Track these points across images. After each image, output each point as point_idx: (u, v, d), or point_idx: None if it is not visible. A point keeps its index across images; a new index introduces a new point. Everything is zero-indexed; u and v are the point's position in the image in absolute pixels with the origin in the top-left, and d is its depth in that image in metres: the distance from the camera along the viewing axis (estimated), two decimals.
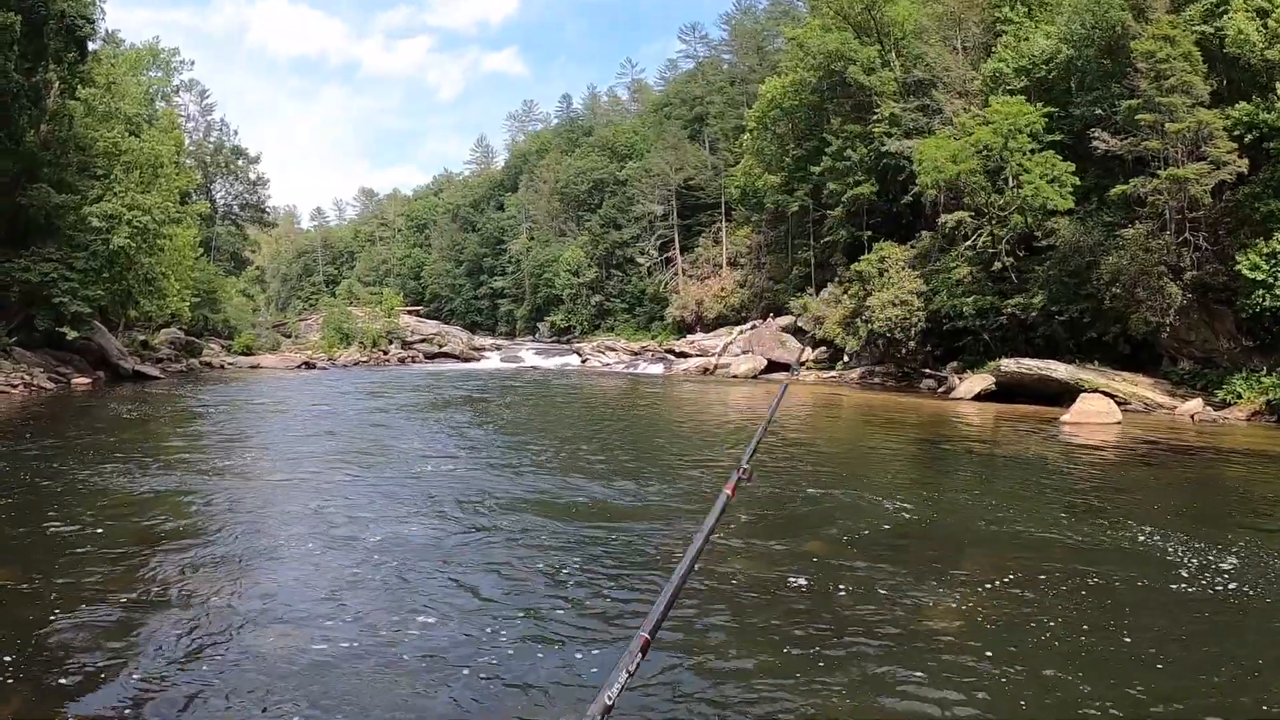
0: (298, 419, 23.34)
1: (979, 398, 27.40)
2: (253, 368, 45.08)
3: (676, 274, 56.15)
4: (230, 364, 45.27)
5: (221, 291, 53.74)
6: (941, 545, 11.46)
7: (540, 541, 10.39)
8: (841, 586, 9.47)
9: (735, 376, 40.48)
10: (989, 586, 9.62)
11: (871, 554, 10.97)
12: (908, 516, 13.27)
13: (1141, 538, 11.42)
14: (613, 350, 52.80)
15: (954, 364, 31.11)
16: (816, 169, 39.74)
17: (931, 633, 8.07)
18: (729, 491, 3.08)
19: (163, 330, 43.76)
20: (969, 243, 30.27)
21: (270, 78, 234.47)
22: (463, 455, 16.81)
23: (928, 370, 32.40)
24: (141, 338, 40.16)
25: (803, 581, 9.66)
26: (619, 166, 64.40)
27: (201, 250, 49.56)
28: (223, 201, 66.67)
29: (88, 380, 29.84)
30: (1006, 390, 26.67)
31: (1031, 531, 11.96)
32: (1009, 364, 26.60)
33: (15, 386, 25.17)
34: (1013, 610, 8.77)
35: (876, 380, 34.26)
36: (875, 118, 36.51)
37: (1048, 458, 17.72)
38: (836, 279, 39.18)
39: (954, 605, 8.96)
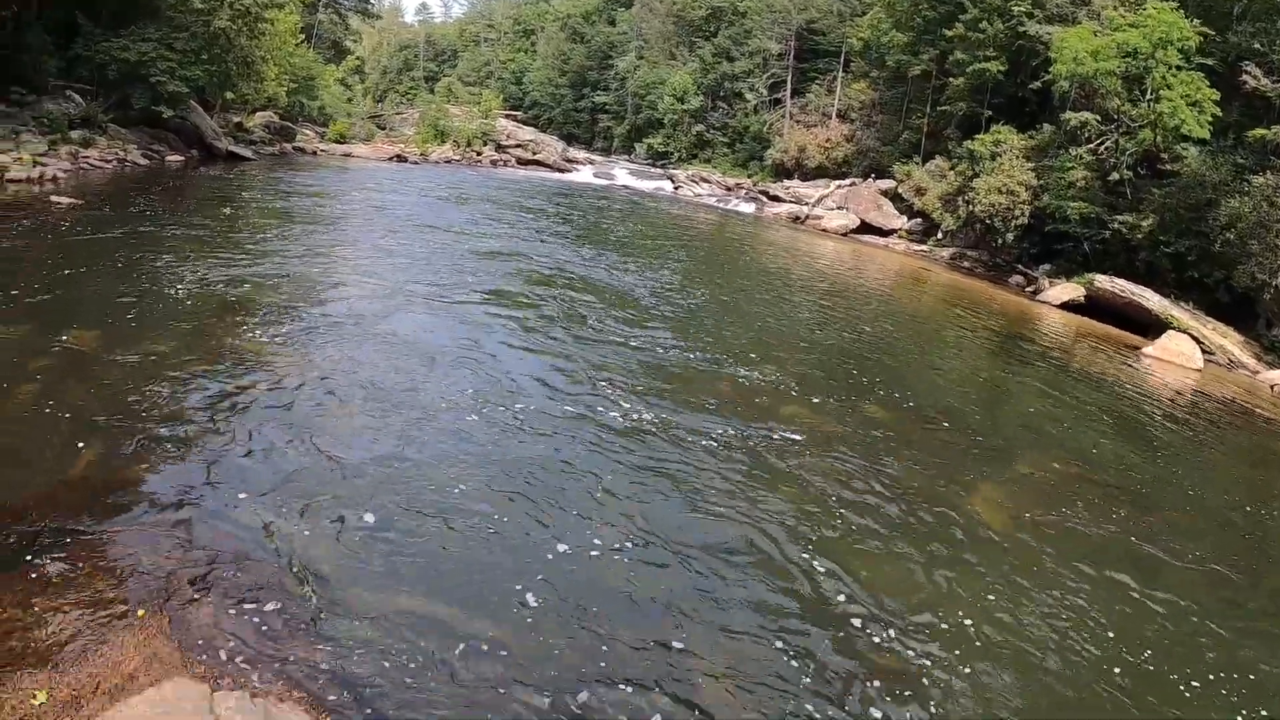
0: (386, 212, 24.47)
1: (1065, 306, 27.59)
2: (345, 155, 45.36)
3: (784, 117, 54.91)
4: (323, 150, 45.49)
5: (319, 79, 53.58)
6: (998, 438, 12.33)
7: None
8: (896, 456, 10.55)
9: (825, 230, 40.65)
10: (1038, 490, 10.57)
11: (930, 429, 11.90)
12: (972, 403, 14.15)
13: (1196, 487, 12.03)
14: (707, 182, 52.54)
15: (1047, 266, 31.02)
16: (948, 34, 38.11)
17: (975, 521, 9.16)
18: None
19: (258, 114, 44.03)
20: (1090, 146, 29.44)
21: None
22: (558, 281, 17.72)
23: (1020, 267, 32.30)
24: (237, 120, 40.65)
25: (860, 444, 10.76)
26: None
27: (302, 37, 49.11)
28: None
29: (181, 158, 30.51)
30: (1094, 306, 26.78)
31: (1090, 450, 12.64)
32: (1103, 281, 26.55)
33: (110, 161, 25.72)
34: (1058, 517, 9.73)
35: (966, 264, 34.28)
36: None
37: (1122, 385, 18.12)
38: (946, 153, 38.37)
39: (1000, 499, 10.01)
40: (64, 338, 10.03)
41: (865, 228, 40.51)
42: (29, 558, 6.08)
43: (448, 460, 8.52)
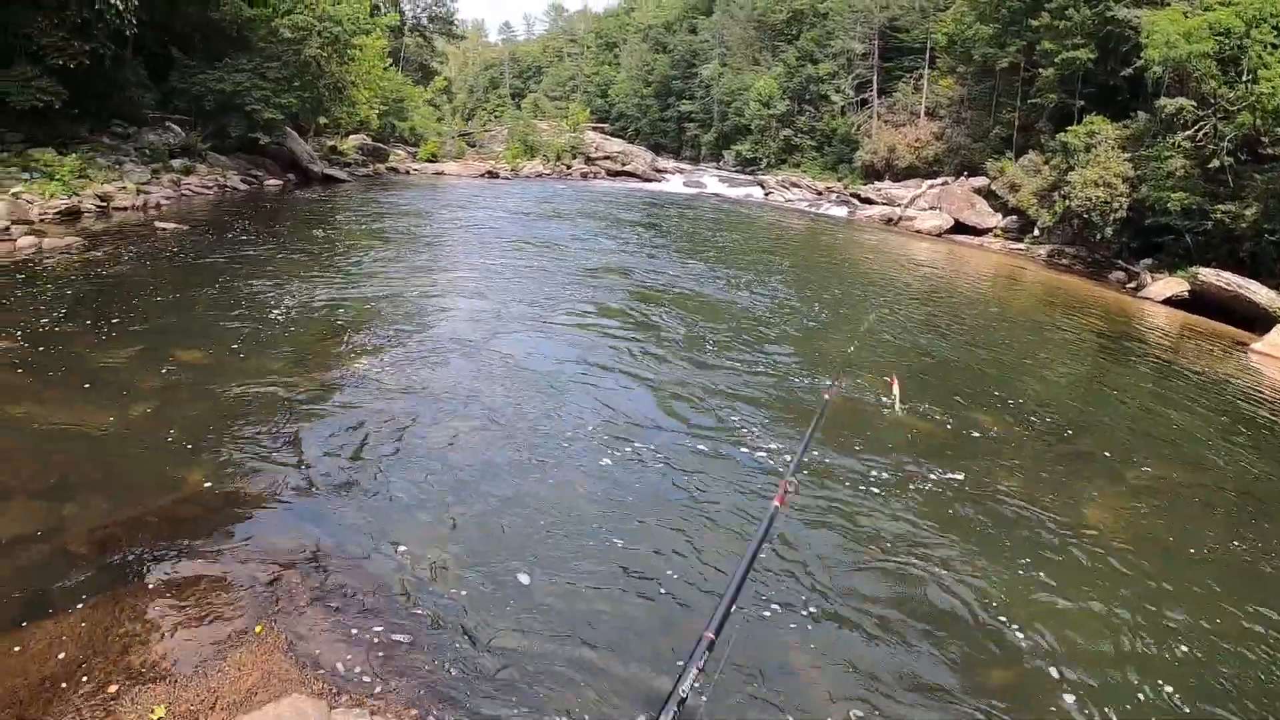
0: (483, 229, 24.80)
1: (1169, 302, 26.54)
2: (437, 174, 46.40)
3: (871, 117, 54.24)
4: (415, 170, 46.52)
5: (409, 101, 55.24)
6: (1107, 445, 11.67)
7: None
8: (1004, 463, 10.10)
9: (919, 232, 40.14)
10: (1151, 498, 9.92)
11: (1037, 435, 11.38)
12: (1077, 407, 13.44)
13: None
14: (797, 187, 52.31)
15: (1149, 261, 29.81)
16: (1033, 24, 37.14)
17: (1088, 530, 8.65)
18: (777, 502, 3.64)
19: (351, 136, 45.70)
20: (1188, 133, 28.28)
21: None
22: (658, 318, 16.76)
23: (1120, 262, 31.09)
24: (330, 143, 42.04)
25: (966, 451, 10.28)
26: None
27: (390, 61, 50.57)
28: (411, 14, 68.32)
29: (279, 182, 31.53)
30: (1199, 301, 25.64)
31: (1204, 454, 11.92)
32: (1207, 274, 25.42)
33: (210, 188, 26.90)
34: (1174, 525, 9.12)
35: (1064, 261, 33.24)
36: None
37: (1231, 383, 17.28)
38: (1039, 146, 37.34)
39: (1114, 507, 9.44)
40: (173, 359, 10.38)
41: (959, 227, 39.75)
42: (146, 574, 6.17)
43: (588, 503, 8.01)
